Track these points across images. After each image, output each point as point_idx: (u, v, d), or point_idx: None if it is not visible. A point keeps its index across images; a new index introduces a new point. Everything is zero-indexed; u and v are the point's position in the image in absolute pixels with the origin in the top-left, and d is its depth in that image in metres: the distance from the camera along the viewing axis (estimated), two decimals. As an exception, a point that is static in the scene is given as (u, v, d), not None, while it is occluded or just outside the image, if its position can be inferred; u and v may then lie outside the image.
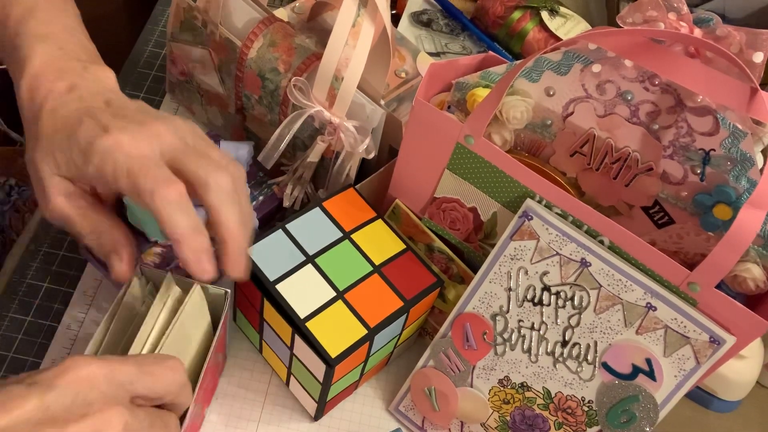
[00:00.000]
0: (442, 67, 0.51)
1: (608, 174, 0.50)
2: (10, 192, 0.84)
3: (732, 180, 0.45)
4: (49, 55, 0.47)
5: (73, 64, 0.47)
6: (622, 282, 0.46)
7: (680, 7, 0.43)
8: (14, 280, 0.61)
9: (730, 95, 0.40)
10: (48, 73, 0.46)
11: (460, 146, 0.50)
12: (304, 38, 0.61)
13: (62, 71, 0.47)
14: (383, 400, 0.60)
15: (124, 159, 0.41)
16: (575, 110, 0.49)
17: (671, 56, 0.41)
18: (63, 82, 0.46)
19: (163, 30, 0.83)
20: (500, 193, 0.50)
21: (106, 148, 0.42)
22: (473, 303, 0.51)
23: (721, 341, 0.44)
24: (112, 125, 0.42)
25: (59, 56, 0.48)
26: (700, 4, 0.78)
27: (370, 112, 0.57)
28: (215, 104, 0.69)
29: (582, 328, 0.48)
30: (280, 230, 0.54)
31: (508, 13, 0.81)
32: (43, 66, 0.47)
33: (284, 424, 0.58)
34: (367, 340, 0.51)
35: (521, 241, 0.48)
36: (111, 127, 0.42)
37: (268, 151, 0.60)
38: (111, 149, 0.42)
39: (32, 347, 0.58)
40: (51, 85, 0.46)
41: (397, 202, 0.57)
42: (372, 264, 0.54)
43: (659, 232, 0.49)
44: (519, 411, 0.53)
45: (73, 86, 0.46)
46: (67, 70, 0.47)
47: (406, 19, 0.82)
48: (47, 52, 0.47)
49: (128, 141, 0.42)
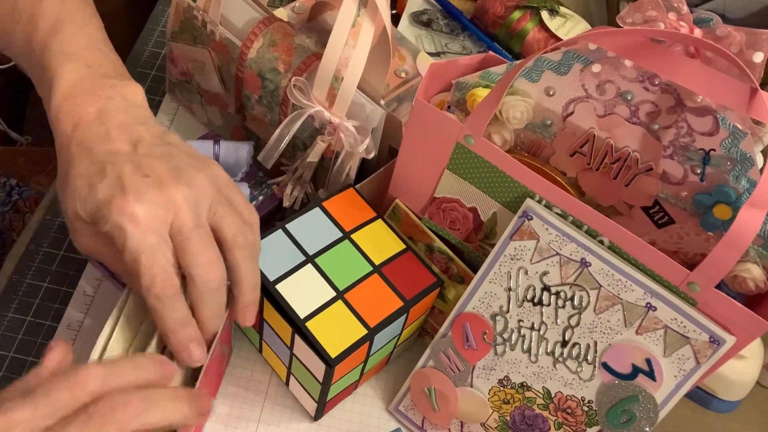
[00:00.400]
0: (442, 67, 0.51)
1: (608, 174, 0.50)
2: (10, 192, 0.84)
3: (732, 180, 0.45)
4: (77, 75, 0.47)
5: (101, 82, 0.48)
6: (622, 282, 0.46)
7: (680, 7, 0.43)
8: (14, 280, 0.61)
9: (730, 95, 0.40)
10: (76, 95, 0.47)
11: (460, 146, 0.50)
12: (304, 38, 0.61)
13: (90, 93, 0.47)
14: (383, 400, 0.60)
15: (134, 238, 0.42)
16: (575, 110, 0.49)
17: (671, 56, 0.41)
18: (91, 107, 0.46)
19: (163, 30, 0.83)
20: (500, 193, 0.50)
21: (119, 217, 0.42)
22: (473, 303, 0.51)
23: (721, 341, 0.44)
24: (130, 186, 0.42)
25: (87, 75, 0.48)
26: (700, 4, 0.78)
27: (370, 112, 0.57)
28: (215, 104, 0.69)
29: (582, 328, 0.48)
30: (280, 230, 0.54)
31: (508, 13, 0.81)
32: (72, 88, 0.47)
33: (284, 424, 0.58)
34: (367, 340, 0.51)
35: (521, 241, 0.48)
36: (128, 190, 0.42)
37: (268, 151, 0.60)
38: (124, 221, 0.42)
39: (32, 347, 0.58)
40: (80, 110, 0.46)
41: (397, 202, 0.57)
42: (372, 264, 0.54)
43: (659, 232, 0.49)
44: (519, 411, 0.53)
45: (102, 112, 0.46)
46: (95, 91, 0.47)
47: (406, 19, 0.82)
48: (75, 71, 0.48)
49: (142, 215, 0.42)
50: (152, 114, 0.49)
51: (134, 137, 0.46)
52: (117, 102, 0.47)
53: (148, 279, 0.42)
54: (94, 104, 0.46)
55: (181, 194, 0.43)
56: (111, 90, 0.48)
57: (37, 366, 0.41)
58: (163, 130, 0.48)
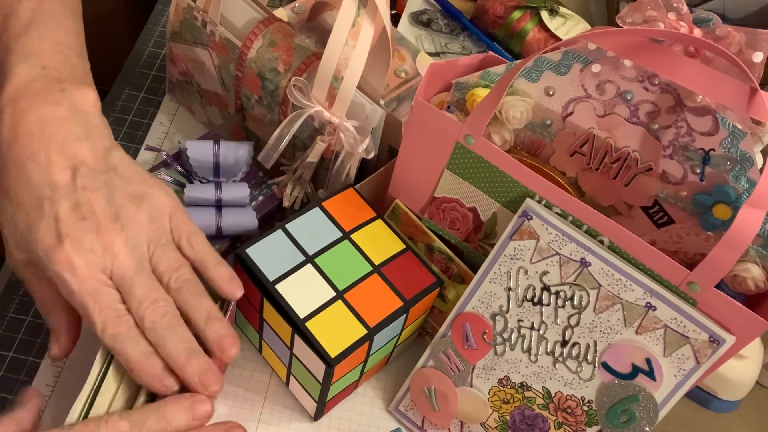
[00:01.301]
0: (442, 67, 0.51)
1: (608, 174, 0.50)
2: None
3: (732, 180, 0.45)
4: (29, 76, 0.47)
5: (52, 85, 0.47)
6: (622, 282, 0.46)
7: (680, 7, 0.43)
8: (14, 280, 0.61)
9: (730, 95, 0.40)
10: (22, 98, 0.46)
11: (459, 146, 0.50)
12: (303, 38, 0.61)
13: (37, 96, 0.46)
14: (383, 400, 0.60)
15: (77, 289, 0.42)
16: (575, 110, 0.49)
17: (671, 56, 0.41)
18: (34, 115, 0.45)
19: (163, 30, 0.83)
20: (500, 193, 0.50)
21: (60, 267, 0.42)
22: (473, 303, 0.51)
23: (721, 341, 0.44)
24: (68, 235, 0.43)
25: (39, 76, 0.47)
26: (700, 4, 0.78)
27: (370, 112, 0.57)
28: (215, 104, 0.69)
29: (582, 327, 0.48)
30: (279, 230, 0.54)
31: (507, 13, 0.81)
32: (20, 89, 0.46)
33: (284, 424, 0.58)
34: (366, 340, 0.51)
35: (521, 240, 0.48)
36: (66, 239, 0.42)
37: (268, 151, 0.60)
38: (64, 272, 0.42)
39: (32, 347, 0.58)
40: (22, 118, 0.45)
41: (396, 202, 0.57)
42: (372, 264, 0.54)
43: (659, 231, 0.49)
44: (519, 411, 0.53)
45: (44, 124, 0.45)
46: (44, 94, 0.46)
47: (406, 19, 0.82)
48: (28, 72, 0.47)
49: (81, 264, 0.42)
50: (103, 120, 0.48)
51: (74, 161, 0.45)
52: (62, 110, 0.46)
53: (100, 321, 0.42)
54: (38, 111, 0.45)
55: (120, 240, 0.44)
56: (59, 94, 0.47)
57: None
58: (108, 145, 0.47)
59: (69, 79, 0.48)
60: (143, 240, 0.45)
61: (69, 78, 0.48)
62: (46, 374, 0.56)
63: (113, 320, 0.42)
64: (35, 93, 0.46)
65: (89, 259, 0.43)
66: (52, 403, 0.55)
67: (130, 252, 0.44)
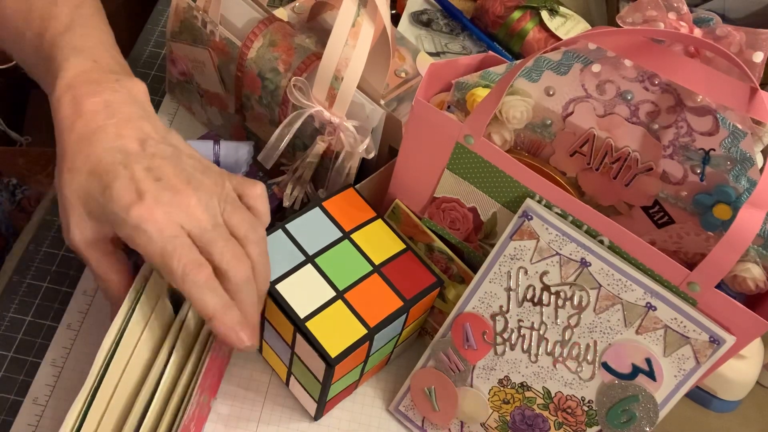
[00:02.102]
0: (442, 67, 0.51)
1: (608, 174, 0.50)
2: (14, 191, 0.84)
3: (732, 180, 0.45)
4: (83, 67, 0.48)
5: (106, 76, 0.48)
6: (622, 282, 0.46)
7: (680, 6, 0.43)
8: (14, 280, 0.61)
9: (730, 95, 0.40)
10: (81, 85, 0.47)
11: (459, 146, 0.50)
12: (303, 38, 0.61)
13: (95, 83, 0.47)
14: (383, 400, 0.60)
15: (157, 238, 0.42)
16: (575, 110, 0.49)
17: (671, 56, 0.41)
18: (97, 97, 0.46)
19: (163, 30, 0.83)
20: (500, 193, 0.50)
21: (140, 220, 0.42)
22: (473, 303, 0.51)
23: (721, 341, 0.44)
24: (147, 191, 0.43)
25: (93, 68, 0.48)
26: (700, 4, 0.78)
27: (370, 111, 0.57)
28: (215, 104, 0.69)
29: (582, 328, 0.48)
30: (279, 230, 0.54)
31: (508, 13, 0.81)
32: (78, 77, 0.47)
33: (284, 423, 0.58)
34: (367, 340, 0.51)
35: (521, 240, 0.48)
36: (146, 194, 0.43)
37: (268, 151, 0.60)
38: (145, 223, 0.42)
39: (32, 347, 0.58)
40: (85, 100, 0.46)
41: (396, 201, 0.57)
42: (372, 264, 0.54)
43: (659, 231, 0.49)
44: (519, 411, 0.53)
45: (108, 103, 0.46)
46: (101, 83, 0.47)
47: (406, 19, 0.82)
48: (81, 63, 0.48)
49: (162, 217, 0.43)
50: (155, 112, 0.50)
51: (141, 135, 0.46)
52: (122, 95, 0.48)
53: (180, 269, 0.42)
54: (100, 95, 0.47)
55: (194, 198, 0.44)
56: (116, 83, 0.48)
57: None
58: (167, 129, 0.49)
59: (120, 71, 0.50)
60: (215, 200, 0.46)
61: (120, 71, 0.50)
62: (46, 374, 0.56)
63: (194, 268, 0.43)
64: (93, 81, 0.47)
65: (169, 213, 0.43)
66: (52, 403, 0.55)
67: (206, 210, 0.45)
